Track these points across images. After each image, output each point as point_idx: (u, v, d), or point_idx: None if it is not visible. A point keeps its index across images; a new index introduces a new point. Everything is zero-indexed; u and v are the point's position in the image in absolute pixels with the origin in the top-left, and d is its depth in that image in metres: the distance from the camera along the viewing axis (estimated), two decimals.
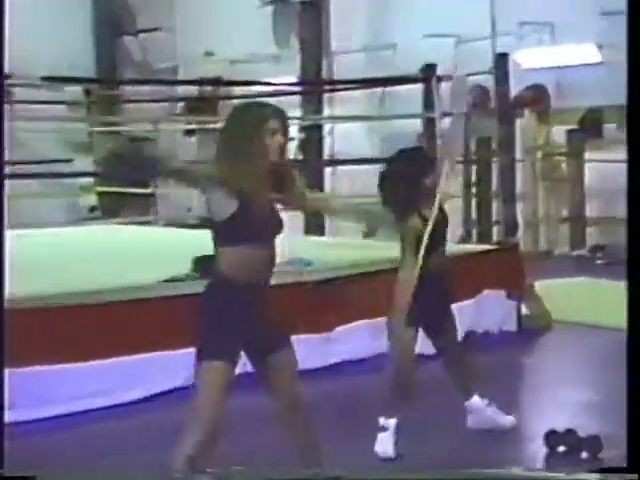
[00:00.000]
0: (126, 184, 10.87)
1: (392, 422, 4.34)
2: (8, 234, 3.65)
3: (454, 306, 6.25)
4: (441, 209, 4.35)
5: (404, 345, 4.37)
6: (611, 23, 10.72)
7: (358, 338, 5.94)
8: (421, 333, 4.48)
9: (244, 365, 3.52)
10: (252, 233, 3.34)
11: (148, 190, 10.49)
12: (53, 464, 4.12)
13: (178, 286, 5.45)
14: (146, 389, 5.23)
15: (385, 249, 5.88)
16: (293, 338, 3.60)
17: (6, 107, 4.17)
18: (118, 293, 5.33)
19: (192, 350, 3.42)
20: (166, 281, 5.60)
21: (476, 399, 4.57)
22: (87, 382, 5.02)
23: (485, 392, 4.62)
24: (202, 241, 3.93)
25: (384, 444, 4.32)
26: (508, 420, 4.59)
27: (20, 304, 4.67)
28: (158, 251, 7.44)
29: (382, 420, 4.37)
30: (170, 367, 5.17)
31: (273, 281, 3.50)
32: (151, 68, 15.07)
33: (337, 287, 5.92)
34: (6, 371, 3.42)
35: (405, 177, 4.29)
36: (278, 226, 3.45)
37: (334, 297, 5.85)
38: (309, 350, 5.42)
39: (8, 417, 3.57)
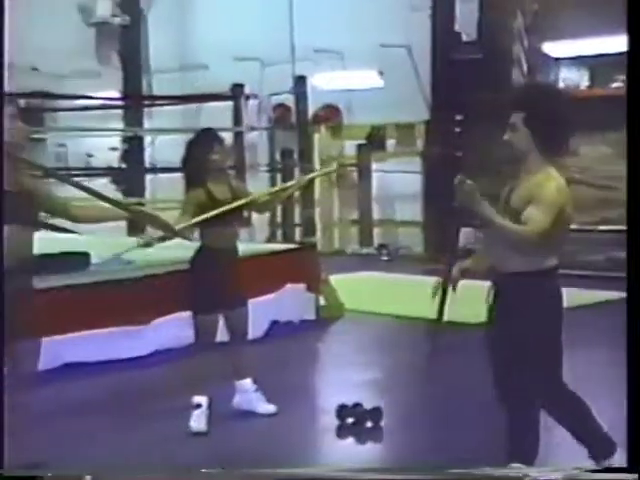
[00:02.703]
0: None
1: (204, 399, 4.31)
2: None
3: (260, 299, 6.23)
4: (234, 189, 4.43)
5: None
6: (389, 54, 11.15)
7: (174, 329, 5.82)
8: None
9: None
10: None
11: None
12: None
13: None
14: None
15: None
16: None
17: None
18: None
19: None
20: None
21: (247, 382, 4.52)
22: None
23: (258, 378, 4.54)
24: None
25: (198, 420, 4.27)
26: (268, 408, 4.51)
27: None
28: None
29: (196, 398, 4.31)
30: None
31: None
32: None
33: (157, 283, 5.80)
34: None
35: (191, 151, 4.39)
36: None
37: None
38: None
39: None
